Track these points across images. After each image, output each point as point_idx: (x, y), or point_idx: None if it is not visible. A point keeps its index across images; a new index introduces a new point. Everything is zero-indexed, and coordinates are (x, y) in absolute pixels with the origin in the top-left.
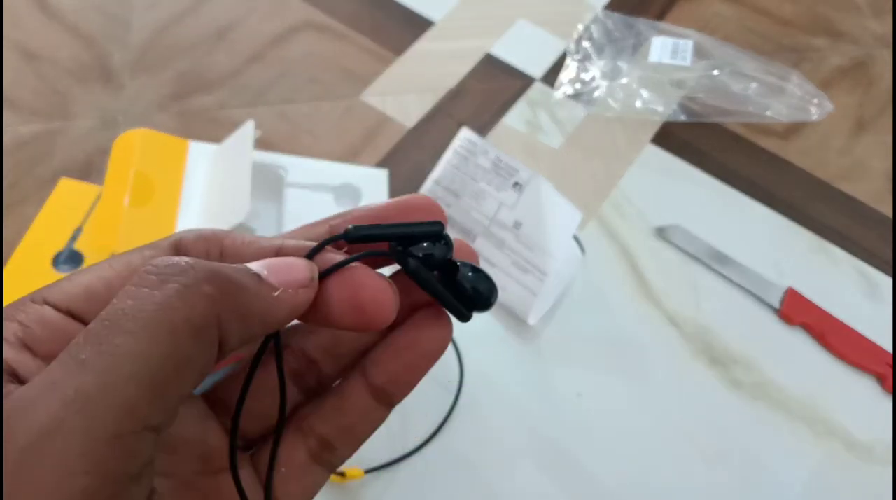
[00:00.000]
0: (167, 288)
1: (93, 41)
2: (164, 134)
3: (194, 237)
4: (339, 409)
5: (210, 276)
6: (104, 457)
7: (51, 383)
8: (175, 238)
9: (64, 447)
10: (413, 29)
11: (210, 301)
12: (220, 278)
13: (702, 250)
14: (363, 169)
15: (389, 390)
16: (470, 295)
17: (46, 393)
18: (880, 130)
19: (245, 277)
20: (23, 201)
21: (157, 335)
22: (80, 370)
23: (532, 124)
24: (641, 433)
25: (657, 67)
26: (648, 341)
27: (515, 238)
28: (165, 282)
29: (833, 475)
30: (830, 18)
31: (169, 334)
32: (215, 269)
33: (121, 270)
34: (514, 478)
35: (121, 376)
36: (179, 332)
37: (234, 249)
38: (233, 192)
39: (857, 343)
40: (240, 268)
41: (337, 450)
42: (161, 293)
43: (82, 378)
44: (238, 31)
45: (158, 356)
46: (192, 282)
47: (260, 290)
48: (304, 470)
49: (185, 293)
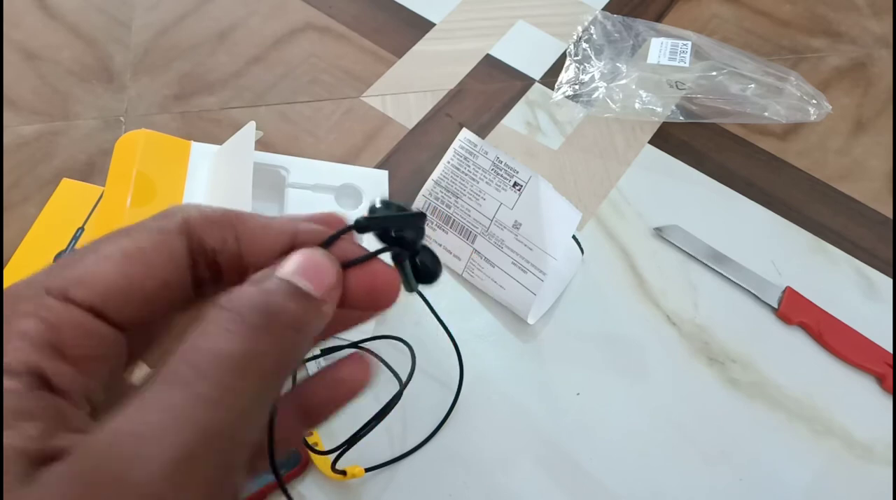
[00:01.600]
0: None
1: (94, 42)
2: (165, 135)
3: (204, 221)
4: None
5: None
6: (226, 486)
7: (177, 414)
8: (179, 218)
9: (196, 477)
10: (413, 30)
11: (292, 347)
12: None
13: (700, 249)
14: (364, 169)
15: (316, 414)
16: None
17: (178, 428)
18: (879, 131)
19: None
20: (24, 201)
21: (262, 380)
22: (206, 404)
23: (531, 125)
24: (640, 432)
25: (656, 68)
26: (647, 340)
27: (515, 238)
28: (253, 330)
29: (832, 474)
30: (829, 19)
31: (263, 377)
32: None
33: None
34: (514, 477)
35: (240, 415)
36: (271, 375)
37: (250, 235)
38: (234, 192)
39: (856, 343)
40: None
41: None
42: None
43: (210, 415)
44: (239, 32)
45: (262, 395)
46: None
47: (318, 313)
48: None
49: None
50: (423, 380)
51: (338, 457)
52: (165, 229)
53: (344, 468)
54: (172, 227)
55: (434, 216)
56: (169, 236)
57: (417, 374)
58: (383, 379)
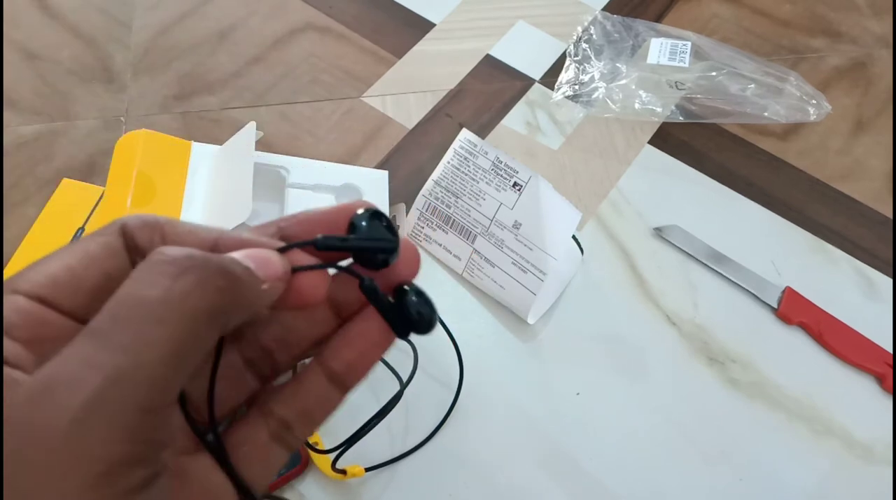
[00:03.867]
0: (187, 280)
1: (94, 42)
2: (166, 135)
3: (138, 223)
4: (298, 393)
5: (222, 270)
6: (140, 428)
7: (87, 362)
8: (119, 223)
9: (108, 418)
10: (413, 30)
11: (222, 293)
12: (228, 273)
13: (700, 249)
14: (364, 170)
15: (343, 375)
16: (412, 319)
17: (87, 370)
18: (879, 131)
19: (243, 272)
20: (24, 202)
21: (182, 323)
22: (118, 351)
23: (531, 125)
24: (639, 432)
25: (656, 68)
26: (647, 340)
27: (515, 238)
28: (184, 274)
29: (832, 474)
30: (829, 19)
31: (191, 321)
32: (225, 264)
33: (80, 256)
34: (514, 476)
35: (153, 358)
36: (200, 320)
37: (174, 236)
38: (235, 193)
39: (855, 343)
40: (238, 263)
41: (295, 430)
42: (181, 285)
43: (121, 358)
44: (239, 32)
45: (182, 341)
46: (208, 275)
47: (252, 283)
48: (264, 449)
49: (204, 286)
50: (424, 380)
51: (338, 456)
52: (106, 232)
53: (344, 468)
54: (112, 229)
55: (434, 216)
56: (108, 237)
57: (417, 373)
58: (384, 379)
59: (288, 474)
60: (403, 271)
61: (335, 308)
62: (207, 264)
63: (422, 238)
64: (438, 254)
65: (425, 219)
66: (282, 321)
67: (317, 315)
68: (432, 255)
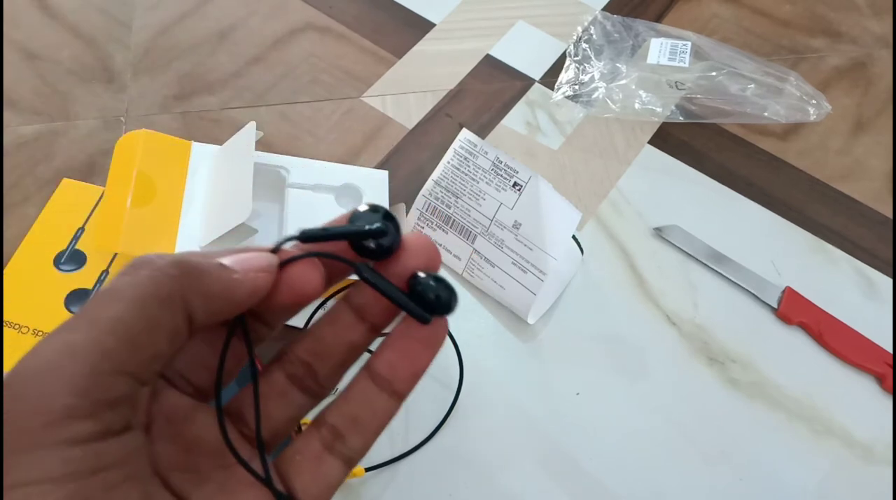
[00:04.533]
0: (140, 273)
1: (94, 42)
2: (166, 135)
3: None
4: (346, 399)
5: (175, 262)
6: (84, 387)
7: (46, 339)
8: None
9: (53, 379)
10: (413, 30)
11: (174, 280)
12: (183, 263)
13: (700, 249)
14: (364, 170)
15: (391, 378)
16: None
17: (42, 345)
18: (879, 131)
19: (208, 263)
20: (24, 201)
21: (130, 304)
22: (70, 329)
23: (531, 125)
24: (639, 432)
25: (656, 69)
26: (647, 340)
27: (515, 238)
28: (139, 269)
29: (832, 474)
30: (829, 19)
31: (139, 302)
32: (181, 256)
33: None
34: (514, 476)
35: (101, 332)
36: (148, 302)
37: None
38: (235, 193)
39: (855, 343)
40: (205, 256)
41: (347, 439)
42: (135, 277)
43: (71, 334)
44: (239, 32)
45: (131, 319)
46: (159, 267)
47: (221, 273)
48: (317, 459)
49: (154, 275)
50: (424, 380)
51: None
52: None
53: None
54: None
55: (434, 216)
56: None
57: None
58: None
59: None
60: (417, 262)
61: (358, 313)
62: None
63: None
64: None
65: (425, 219)
66: (312, 333)
67: (340, 321)
68: None
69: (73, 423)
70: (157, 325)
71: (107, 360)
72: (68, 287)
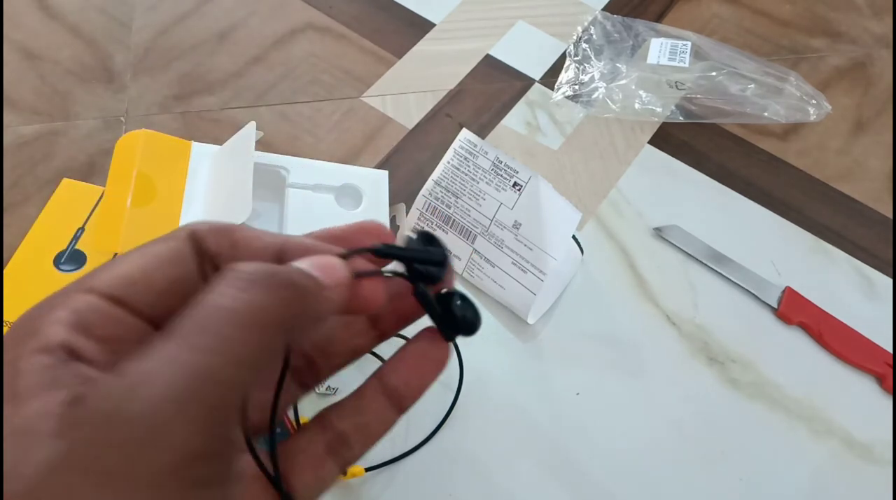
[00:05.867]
0: (258, 292)
1: (94, 42)
2: (166, 135)
3: (207, 229)
4: (357, 408)
5: (289, 283)
6: (216, 425)
7: (171, 360)
8: (188, 230)
9: (189, 413)
10: (413, 30)
11: (289, 305)
12: (295, 284)
13: (700, 249)
14: (364, 170)
15: (402, 393)
16: (457, 322)
17: (168, 367)
18: (879, 131)
19: (309, 281)
20: (24, 201)
21: (255, 330)
22: (200, 352)
23: (531, 125)
24: (639, 432)
25: (656, 69)
26: (647, 340)
27: (515, 238)
28: (257, 286)
29: (832, 474)
30: (829, 19)
31: (262, 329)
32: (293, 277)
33: (151, 260)
34: (514, 476)
35: (230, 360)
36: (269, 329)
37: (244, 242)
38: (235, 192)
39: (855, 343)
40: (305, 273)
41: (352, 446)
42: (254, 296)
43: (203, 358)
44: (239, 32)
45: (255, 346)
46: (277, 288)
47: (318, 292)
48: (319, 461)
49: (274, 297)
50: None
51: None
52: (175, 236)
53: None
54: (181, 235)
55: (434, 216)
56: (178, 242)
57: None
58: None
59: None
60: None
61: (372, 320)
62: (277, 278)
63: None
64: None
65: (425, 219)
66: (323, 331)
67: (356, 326)
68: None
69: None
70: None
71: (234, 394)
72: None
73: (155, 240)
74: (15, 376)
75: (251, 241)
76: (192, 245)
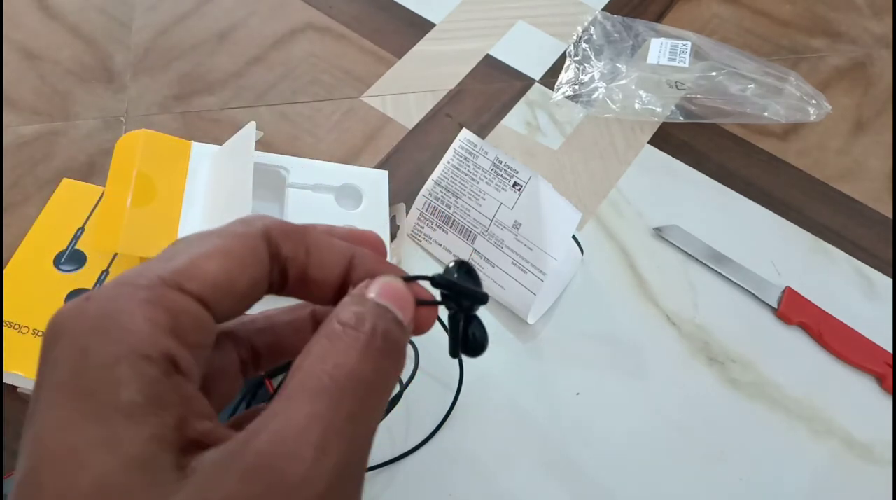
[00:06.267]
0: (389, 362)
1: (94, 42)
2: (166, 135)
3: (281, 232)
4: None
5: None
6: (358, 494)
7: (335, 431)
8: (262, 228)
9: (350, 486)
10: (413, 30)
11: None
12: (404, 347)
13: (700, 249)
14: (364, 170)
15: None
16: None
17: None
18: (879, 131)
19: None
20: (24, 201)
21: (384, 398)
22: (352, 421)
23: (531, 125)
24: (639, 432)
25: (656, 69)
26: (647, 340)
27: (515, 238)
28: (387, 356)
29: (832, 474)
30: (829, 19)
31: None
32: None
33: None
34: (514, 476)
35: (372, 430)
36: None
37: (317, 250)
38: (235, 192)
39: (855, 343)
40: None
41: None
42: (387, 365)
43: (356, 428)
44: (239, 32)
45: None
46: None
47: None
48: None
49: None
50: (424, 380)
51: None
52: (251, 234)
53: None
54: (256, 232)
55: (434, 216)
56: (255, 241)
57: (417, 374)
58: None
59: None
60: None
61: (315, 324)
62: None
63: (422, 238)
64: (438, 254)
65: (425, 219)
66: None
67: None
68: (432, 255)
69: None
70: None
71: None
72: (68, 287)
73: (225, 232)
74: (117, 383)
75: (324, 250)
76: (266, 246)
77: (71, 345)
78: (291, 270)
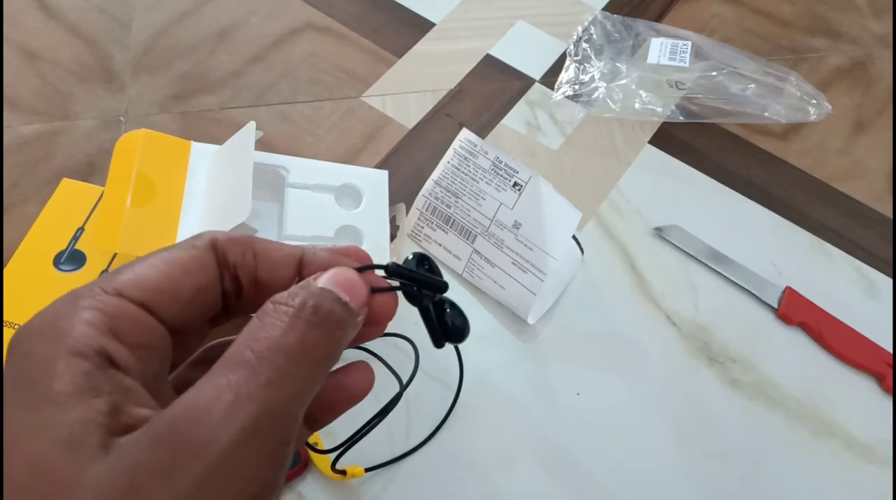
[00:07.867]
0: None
1: (94, 42)
2: (165, 135)
3: (227, 240)
4: None
5: (340, 323)
6: (280, 457)
7: (247, 396)
8: (209, 238)
9: (260, 445)
10: (413, 30)
11: (338, 342)
12: (344, 323)
13: (700, 249)
14: (364, 169)
15: (318, 416)
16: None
17: (246, 403)
18: (879, 131)
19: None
20: (24, 201)
21: (312, 366)
22: (267, 385)
23: (531, 125)
24: (640, 432)
25: (656, 68)
26: (647, 340)
27: (515, 238)
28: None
29: (832, 474)
30: (829, 19)
31: (317, 365)
32: (340, 316)
33: (177, 268)
34: (514, 476)
35: (292, 394)
36: (323, 364)
37: (265, 253)
38: (234, 192)
39: (855, 343)
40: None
41: None
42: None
43: (271, 392)
44: (239, 32)
45: (310, 381)
46: (332, 328)
47: (354, 321)
48: None
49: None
50: (424, 380)
51: (338, 457)
52: (197, 245)
53: (344, 468)
54: (202, 243)
55: (434, 216)
56: (200, 250)
57: (418, 374)
58: (384, 379)
59: (288, 474)
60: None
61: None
62: (332, 318)
63: (422, 238)
64: (438, 254)
65: (425, 219)
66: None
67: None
68: (432, 255)
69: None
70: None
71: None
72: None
73: (174, 246)
74: (50, 376)
75: (272, 251)
76: (213, 254)
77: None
78: (242, 275)
